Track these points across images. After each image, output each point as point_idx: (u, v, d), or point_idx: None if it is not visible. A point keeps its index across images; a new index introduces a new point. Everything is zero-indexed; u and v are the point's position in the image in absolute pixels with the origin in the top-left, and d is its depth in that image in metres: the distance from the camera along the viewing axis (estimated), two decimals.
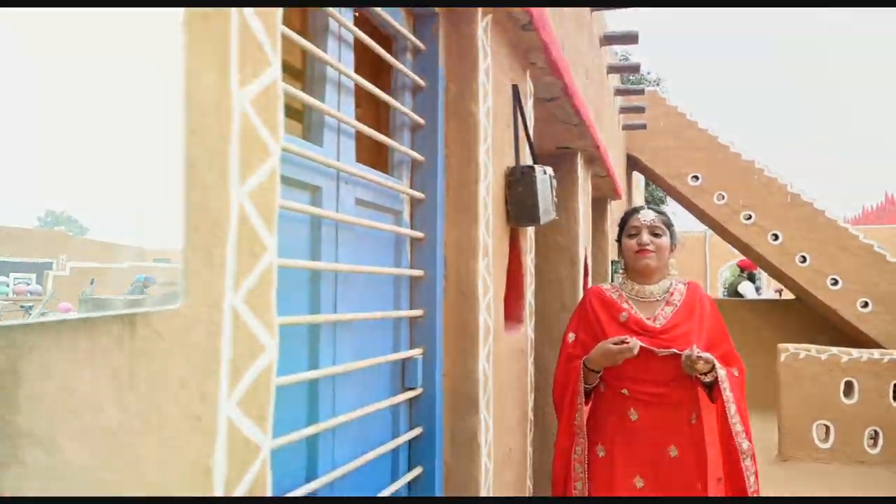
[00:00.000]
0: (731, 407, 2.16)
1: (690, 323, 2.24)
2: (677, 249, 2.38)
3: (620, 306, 2.31)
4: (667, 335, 2.21)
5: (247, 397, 0.83)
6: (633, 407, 2.23)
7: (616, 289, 2.39)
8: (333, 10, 1.39)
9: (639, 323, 2.25)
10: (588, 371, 2.25)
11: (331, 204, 1.41)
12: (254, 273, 0.84)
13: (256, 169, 0.84)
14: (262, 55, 0.86)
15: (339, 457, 1.42)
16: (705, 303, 2.34)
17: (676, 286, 2.35)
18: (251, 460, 0.84)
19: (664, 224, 2.33)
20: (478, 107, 1.87)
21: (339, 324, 1.43)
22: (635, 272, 2.34)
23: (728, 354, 2.29)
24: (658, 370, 2.19)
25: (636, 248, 2.29)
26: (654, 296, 2.31)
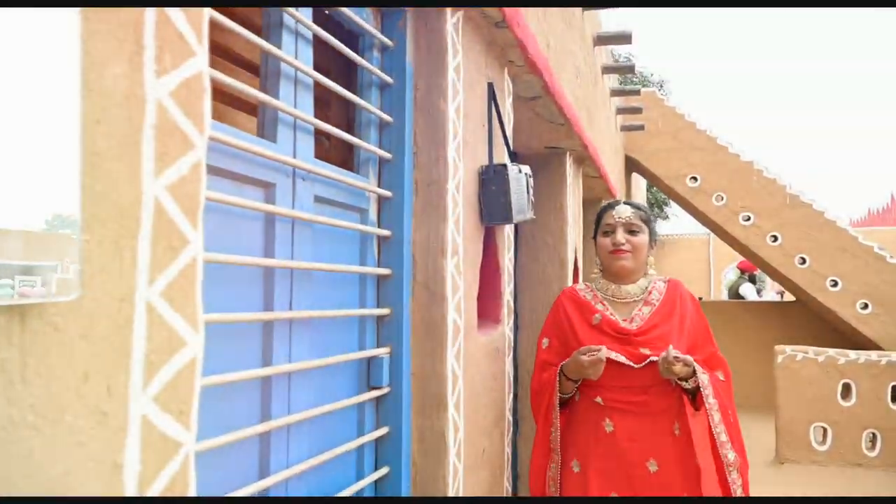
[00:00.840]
0: (715, 415, 1.99)
1: (670, 323, 2.08)
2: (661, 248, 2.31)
3: (594, 308, 2.16)
4: (643, 337, 2.04)
5: (165, 393, 0.82)
6: (608, 417, 2.05)
7: (591, 289, 2.25)
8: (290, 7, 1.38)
9: (612, 325, 2.09)
10: (565, 380, 2.09)
11: (286, 201, 1.39)
12: (173, 268, 0.83)
13: (176, 161, 0.83)
14: (184, 45, 0.85)
15: (295, 455, 1.41)
16: (686, 301, 2.17)
17: (655, 284, 2.19)
18: (169, 457, 0.82)
19: (642, 220, 2.16)
20: (447, 104, 1.85)
21: (295, 321, 1.41)
22: (610, 273, 2.19)
23: (712, 357, 2.14)
24: (635, 376, 2.02)
25: (610, 247, 2.14)
26: (630, 296, 2.16)
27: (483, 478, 2.12)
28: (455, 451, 1.86)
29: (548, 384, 2.13)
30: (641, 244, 2.15)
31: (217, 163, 1.20)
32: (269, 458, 1.32)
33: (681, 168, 7.98)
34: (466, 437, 1.96)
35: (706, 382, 1.98)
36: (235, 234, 1.27)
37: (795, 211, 7.55)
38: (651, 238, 2.19)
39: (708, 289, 18.26)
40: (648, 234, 2.18)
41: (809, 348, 5.83)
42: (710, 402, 1.98)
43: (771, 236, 7.62)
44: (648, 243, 2.18)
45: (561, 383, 2.08)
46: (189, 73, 0.86)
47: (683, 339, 2.06)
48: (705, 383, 1.98)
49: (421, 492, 1.80)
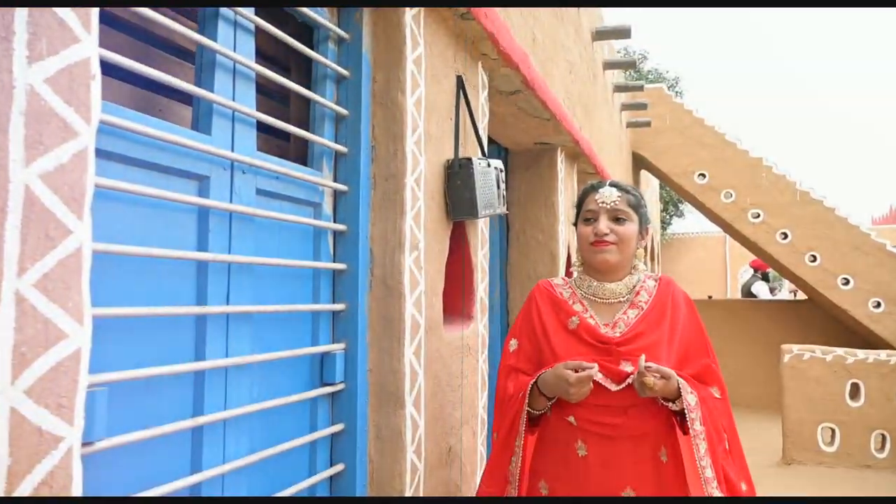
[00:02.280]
0: (701, 445, 1.61)
1: (659, 331, 1.72)
2: (647, 238, 1.85)
3: (571, 308, 1.78)
4: (627, 347, 1.68)
5: (40, 386, 0.80)
6: (581, 439, 1.71)
7: (569, 285, 1.86)
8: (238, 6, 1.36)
9: (591, 331, 1.72)
10: (538, 394, 1.71)
11: (222, 194, 1.38)
12: (50, 258, 0.81)
13: (53, 150, 0.81)
14: (65, 31, 0.83)
15: (233, 451, 1.39)
16: (680, 303, 1.79)
17: (644, 283, 1.81)
18: (46, 451, 0.81)
19: (630, 206, 1.76)
20: (405, 97, 1.83)
21: (233, 316, 1.40)
22: (592, 268, 1.80)
23: (705, 371, 1.76)
24: (613, 395, 1.66)
25: (591, 237, 1.74)
26: (615, 295, 1.77)
27: (450, 476, 2.10)
28: (414, 449, 1.83)
29: (514, 399, 1.75)
30: (628, 234, 1.75)
31: (143, 155, 1.19)
32: (201, 453, 1.31)
33: (689, 165, 7.87)
34: (428, 435, 1.93)
35: (692, 404, 1.62)
36: (165, 228, 1.26)
37: (806, 208, 7.41)
38: (641, 226, 1.80)
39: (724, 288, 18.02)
40: (638, 221, 1.79)
41: (817, 347, 5.71)
42: (696, 428, 1.62)
43: (781, 233, 7.49)
44: (638, 233, 1.79)
45: (532, 397, 1.71)
46: (72, 60, 0.84)
47: (674, 350, 1.72)
48: (691, 405, 1.62)
49: (377, 489, 1.78)
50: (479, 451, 2.38)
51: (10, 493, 0.77)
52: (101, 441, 1.02)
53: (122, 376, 1.05)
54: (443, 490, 2.03)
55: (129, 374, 1.06)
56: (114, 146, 1.12)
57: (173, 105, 1.77)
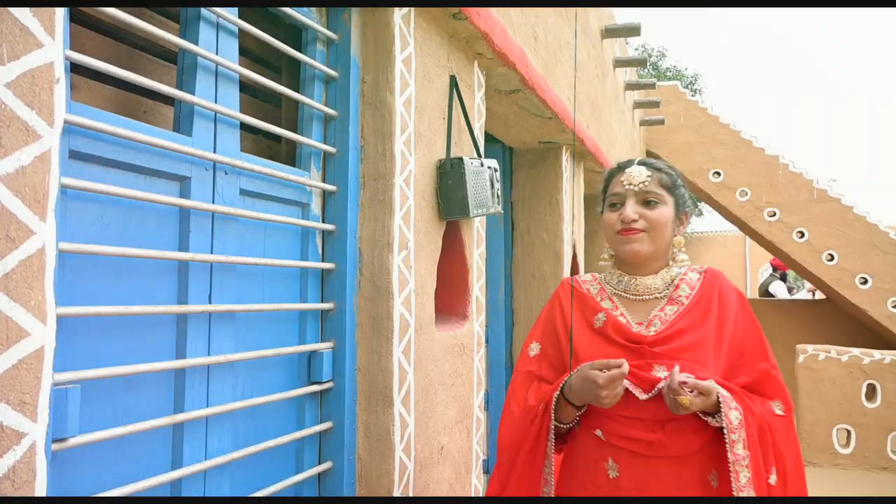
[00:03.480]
0: (742, 473, 1.34)
1: (703, 329, 1.45)
2: (687, 223, 1.58)
3: (598, 305, 1.54)
4: (662, 347, 1.43)
5: (1, 382, 0.82)
6: (611, 457, 1.45)
7: (598, 281, 1.62)
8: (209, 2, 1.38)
9: (620, 329, 1.48)
10: (564, 403, 1.46)
11: (204, 195, 1.40)
12: (11, 258, 0.83)
13: (13, 153, 0.83)
14: (27, 37, 0.85)
15: (216, 448, 1.41)
16: (730, 298, 1.52)
17: (685, 276, 1.54)
18: (8, 446, 0.83)
19: (663, 186, 1.50)
20: (394, 97, 1.84)
21: (215, 315, 1.42)
22: (621, 260, 1.56)
23: (764, 379, 1.47)
24: (647, 405, 1.40)
25: (618, 225, 1.49)
26: (650, 290, 1.52)
27: (442, 474, 2.10)
28: (403, 447, 1.84)
29: (534, 412, 1.48)
30: (661, 220, 1.48)
31: (123, 157, 1.21)
32: (182, 451, 1.33)
33: (703, 163, 7.79)
34: (419, 434, 1.94)
35: (735, 423, 1.35)
36: (145, 228, 1.28)
37: (823, 206, 7.30)
38: (678, 210, 1.53)
39: (744, 287, 17.80)
40: (674, 204, 1.52)
41: (832, 347, 5.62)
42: (738, 453, 1.35)
43: (797, 232, 7.38)
44: (674, 218, 1.52)
45: (559, 409, 1.45)
46: (34, 65, 0.86)
47: (723, 352, 1.46)
48: (733, 424, 1.35)
49: (366, 487, 1.79)
50: (473, 449, 2.38)
51: None
52: (74, 437, 1.04)
53: (93, 374, 1.07)
54: (435, 488, 2.04)
55: (101, 371, 1.08)
56: (94, 148, 1.14)
57: (158, 106, 1.79)
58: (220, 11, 1.41)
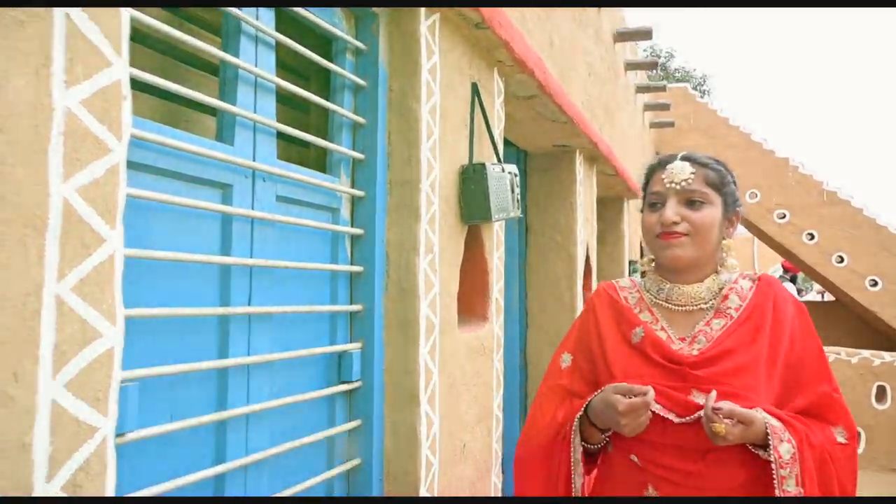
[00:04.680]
0: None
1: (755, 347, 1.29)
2: (737, 224, 1.43)
3: (636, 317, 1.39)
4: (707, 370, 1.27)
5: (78, 380, 0.88)
6: (651, 484, 1.32)
7: (636, 288, 1.47)
8: (249, 16, 1.44)
9: (660, 347, 1.32)
10: (589, 424, 1.34)
11: (245, 201, 1.46)
12: (86, 264, 0.89)
13: (88, 165, 0.89)
14: (98, 57, 0.91)
15: (255, 444, 1.47)
16: (786, 311, 1.34)
17: (736, 285, 1.38)
18: (83, 440, 0.89)
19: (709, 184, 1.35)
20: (420, 105, 1.89)
21: (255, 316, 1.48)
22: (662, 266, 1.41)
23: (824, 403, 1.31)
24: (687, 433, 1.25)
25: (657, 228, 1.35)
26: (694, 300, 1.37)
27: (464, 472, 2.16)
28: (429, 445, 1.89)
29: (562, 431, 1.36)
30: (707, 222, 1.33)
31: (170, 166, 1.27)
32: (225, 446, 1.39)
33: None
34: (443, 432, 2.00)
35: (786, 457, 1.21)
36: (191, 234, 1.34)
37: (833, 208, 7.33)
38: (727, 210, 1.38)
39: None
40: (722, 204, 1.37)
41: (842, 349, 5.65)
42: (789, 490, 1.20)
43: (807, 234, 7.41)
44: (722, 219, 1.37)
45: (584, 429, 1.34)
46: (105, 83, 0.92)
47: (777, 374, 1.30)
48: (784, 458, 1.20)
49: (393, 483, 1.85)
50: (493, 448, 2.43)
51: (51, 478, 0.85)
52: (133, 433, 1.10)
53: (153, 372, 1.13)
54: (457, 486, 2.10)
55: (159, 370, 1.15)
56: (143, 158, 1.20)
57: (198, 115, 1.85)
58: (259, 25, 1.47)
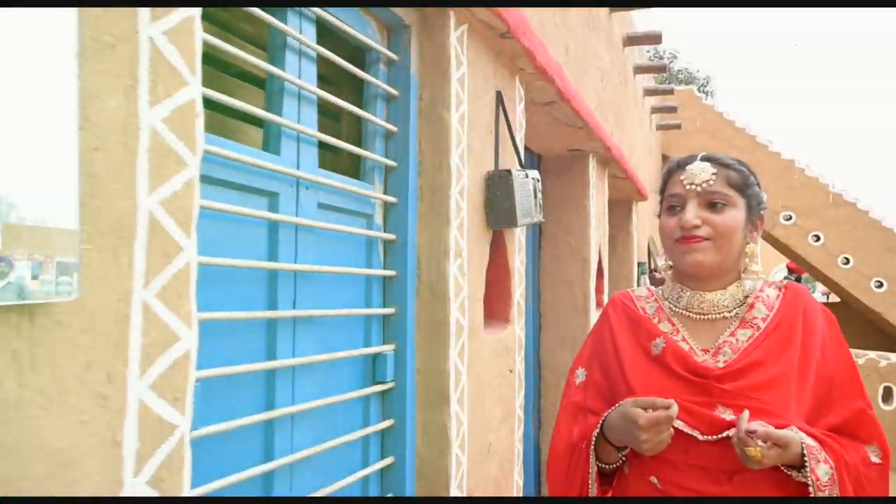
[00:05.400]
0: None
1: (784, 360, 1.22)
2: (762, 228, 1.34)
3: (655, 328, 1.31)
4: (732, 383, 1.19)
5: (161, 381, 0.94)
6: None
7: (654, 297, 1.39)
8: (293, 30, 1.50)
9: (682, 358, 1.24)
10: (604, 443, 1.26)
11: (289, 208, 1.51)
12: (167, 272, 0.95)
13: (169, 179, 0.95)
14: (176, 77, 0.97)
15: (300, 443, 1.53)
16: (817, 322, 1.27)
17: (763, 293, 1.30)
18: (165, 437, 0.95)
19: (732, 185, 1.26)
20: (450, 113, 1.95)
21: (298, 319, 1.53)
22: (682, 273, 1.33)
23: (858, 420, 1.22)
24: (712, 452, 1.18)
25: (677, 233, 1.27)
26: (717, 309, 1.29)
27: (489, 471, 2.21)
28: (458, 444, 1.95)
29: (577, 450, 1.29)
30: (729, 226, 1.25)
31: (223, 175, 1.33)
32: (273, 445, 1.44)
33: None
34: (471, 432, 2.05)
35: (824, 479, 1.13)
36: (241, 240, 1.40)
37: (839, 210, 7.38)
38: (751, 213, 1.29)
39: None
40: (746, 206, 1.28)
41: None
42: None
43: (813, 236, 7.46)
44: (746, 223, 1.28)
45: (600, 448, 1.26)
46: (182, 101, 0.98)
47: (808, 389, 1.22)
48: (822, 480, 1.13)
49: (425, 481, 1.90)
50: (515, 447, 2.49)
51: (138, 473, 0.90)
52: (196, 431, 1.15)
53: (218, 372, 1.19)
54: (484, 484, 2.15)
55: (225, 370, 1.21)
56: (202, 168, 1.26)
57: (242, 126, 1.91)
58: (303, 38, 1.53)
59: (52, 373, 0.79)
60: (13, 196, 0.73)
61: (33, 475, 0.77)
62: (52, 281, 0.76)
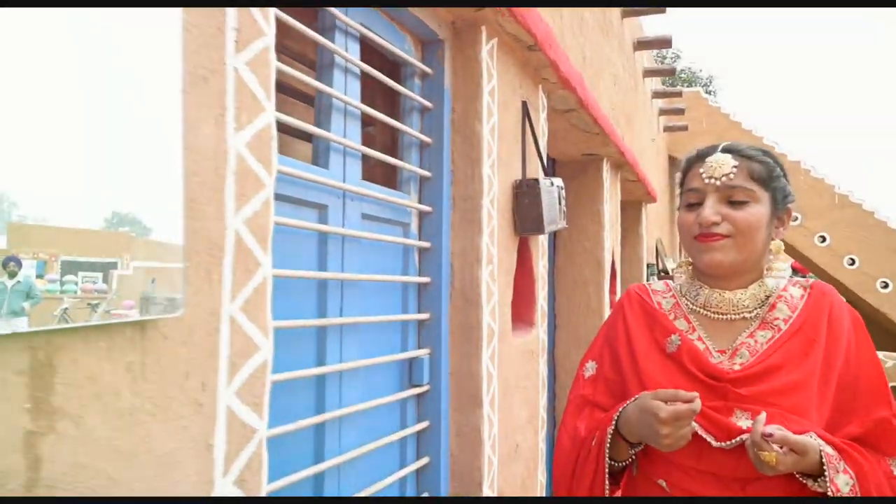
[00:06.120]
0: None
1: (806, 364, 1.15)
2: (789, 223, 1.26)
3: (671, 324, 1.26)
4: (749, 388, 1.13)
5: (244, 388, 1.01)
6: None
7: (671, 292, 1.33)
8: (340, 48, 1.57)
9: (697, 358, 1.19)
10: (619, 439, 1.19)
11: (337, 220, 1.58)
12: (249, 286, 1.02)
13: (251, 199, 1.02)
14: (256, 104, 1.04)
15: (346, 444, 1.59)
16: (842, 324, 1.20)
17: (786, 293, 1.22)
18: (248, 440, 1.01)
19: (755, 178, 1.19)
20: (482, 125, 2.02)
21: (345, 326, 1.60)
22: (700, 270, 1.27)
23: (882, 431, 1.15)
24: (725, 459, 1.12)
25: (695, 230, 1.21)
26: (736, 309, 1.22)
27: (517, 471, 2.28)
28: (490, 445, 2.02)
29: (586, 446, 1.23)
30: (751, 222, 1.18)
31: (279, 190, 1.39)
32: (323, 446, 1.51)
33: None
34: (500, 433, 2.12)
35: (845, 490, 1.06)
36: (295, 251, 1.46)
37: (844, 211, 7.45)
38: (776, 207, 1.21)
39: None
40: (770, 201, 1.20)
41: None
42: None
43: (819, 237, 7.53)
44: (770, 218, 1.21)
45: (614, 444, 1.19)
46: (261, 126, 1.05)
47: (829, 395, 1.15)
48: (843, 492, 1.06)
49: (458, 481, 1.97)
50: (539, 447, 2.56)
51: (225, 474, 0.97)
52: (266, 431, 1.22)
53: (283, 377, 1.26)
54: (512, 483, 2.22)
55: (290, 374, 1.27)
56: None
57: (289, 141, 1.98)
58: (349, 56, 1.59)
59: (159, 382, 0.86)
60: (147, 221, 0.80)
61: (144, 477, 0.84)
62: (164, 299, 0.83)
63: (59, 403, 0.73)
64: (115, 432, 0.80)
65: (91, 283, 0.75)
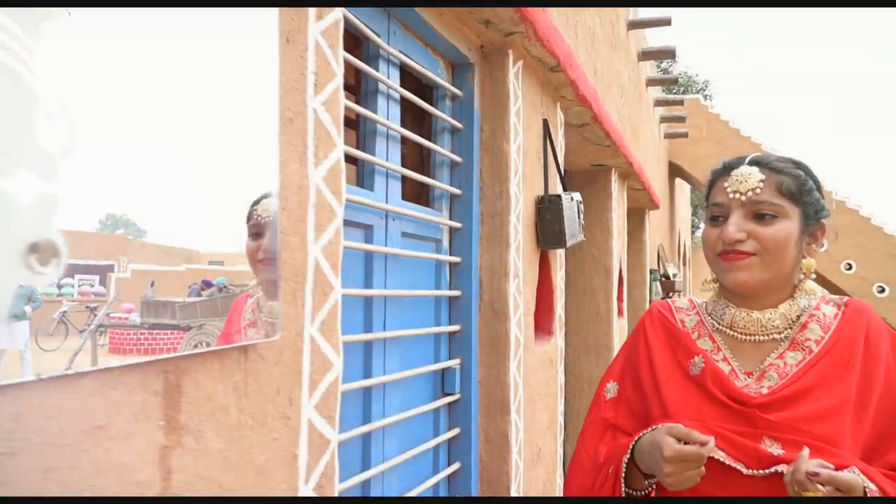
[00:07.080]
0: None
1: (839, 388, 1.08)
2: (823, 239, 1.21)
3: (695, 345, 1.20)
4: (777, 413, 1.07)
5: (321, 402, 1.09)
6: None
7: (696, 310, 1.28)
8: (383, 76, 1.66)
9: (722, 382, 1.13)
10: (634, 469, 1.15)
11: (380, 239, 1.67)
12: (325, 308, 1.10)
13: (327, 228, 1.11)
14: (330, 140, 1.13)
15: (389, 451, 1.68)
16: (881, 345, 1.12)
17: (818, 312, 1.16)
18: (324, 450, 1.10)
19: (784, 193, 1.13)
20: (509, 144, 2.11)
21: (387, 339, 1.69)
22: (726, 288, 1.21)
23: None
24: (758, 489, 1.06)
25: (719, 246, 1.16)
26: (765, 329, 1.16)
27: (539, 475, 2.37)
28: (517, 450, 2.11)
29: (603, 473, 1.18)
30: (779, 240, 1.12)
31: None
32: (370, 453, 1.60)
33: None
34: (525, 438, 2.21)
35: None
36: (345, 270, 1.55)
37: (842, 216, 7.57)
38: (808, 223, 1.16)
39: None
40: (800, 216, 1.15)
41: None
42: None
43: None
44: (801, 234, 1.15)
45: (630, 474, 1.15)
46: (334, 160, 1.14)
47: (866, 423, 1.08)
48: None
49: (487, 486, 2.06)
50: (558, 452, 2.65)
51: (308, 481, 1.06)
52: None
53: (346, 388, 1.34)
54: (535, 486, 2.31)
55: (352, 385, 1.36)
56: None
57: None
58: (391, 83, 1.68)
59: (257, 399, 0.95)
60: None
61: (246, 485, 0.93)
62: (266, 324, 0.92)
63: (184, 420, 0.81)
64: (225, 445, 0.88)
65: (88, 286, 0.72)
